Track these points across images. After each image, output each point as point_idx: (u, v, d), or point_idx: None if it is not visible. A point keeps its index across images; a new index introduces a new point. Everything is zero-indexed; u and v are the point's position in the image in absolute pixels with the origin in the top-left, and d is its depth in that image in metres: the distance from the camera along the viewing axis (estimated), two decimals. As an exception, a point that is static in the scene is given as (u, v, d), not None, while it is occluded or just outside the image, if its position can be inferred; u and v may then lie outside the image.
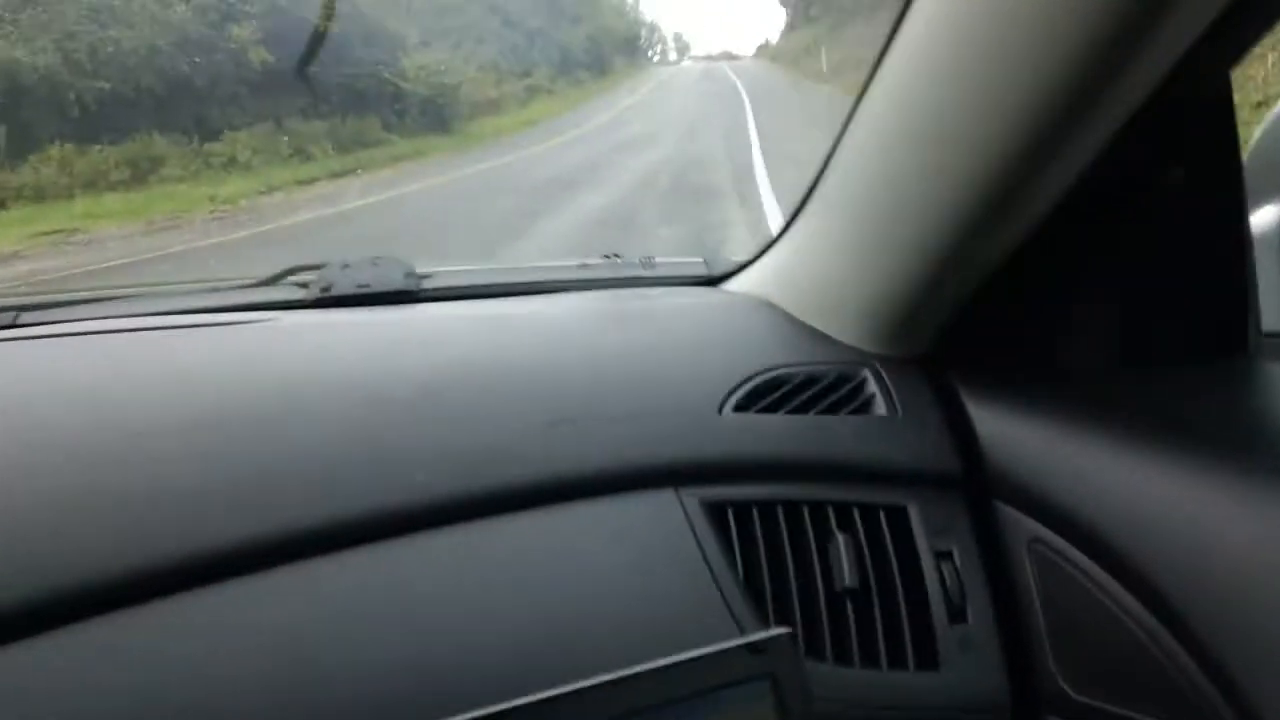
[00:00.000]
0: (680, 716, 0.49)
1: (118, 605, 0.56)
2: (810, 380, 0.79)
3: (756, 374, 0.79)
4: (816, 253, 0.86)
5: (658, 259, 1.09)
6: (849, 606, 0.67)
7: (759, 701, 0.50)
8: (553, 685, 0.50)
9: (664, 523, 0.67)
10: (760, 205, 6.49)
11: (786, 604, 0.67)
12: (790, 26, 42.10)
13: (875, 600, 0.68)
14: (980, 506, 0.73)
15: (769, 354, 0.82)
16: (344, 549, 0.61)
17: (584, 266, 1.08)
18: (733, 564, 0.66)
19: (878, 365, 0.81)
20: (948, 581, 0.69)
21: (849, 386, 0.80)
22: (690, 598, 0.63)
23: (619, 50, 38.13)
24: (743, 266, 1.00)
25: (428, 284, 0.98)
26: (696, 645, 0.57)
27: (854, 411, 0.77)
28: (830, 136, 0.80)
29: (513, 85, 22.08)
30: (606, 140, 12.96)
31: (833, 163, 0.81)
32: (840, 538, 0.69)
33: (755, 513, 0.69)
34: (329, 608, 0.58)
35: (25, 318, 0.89)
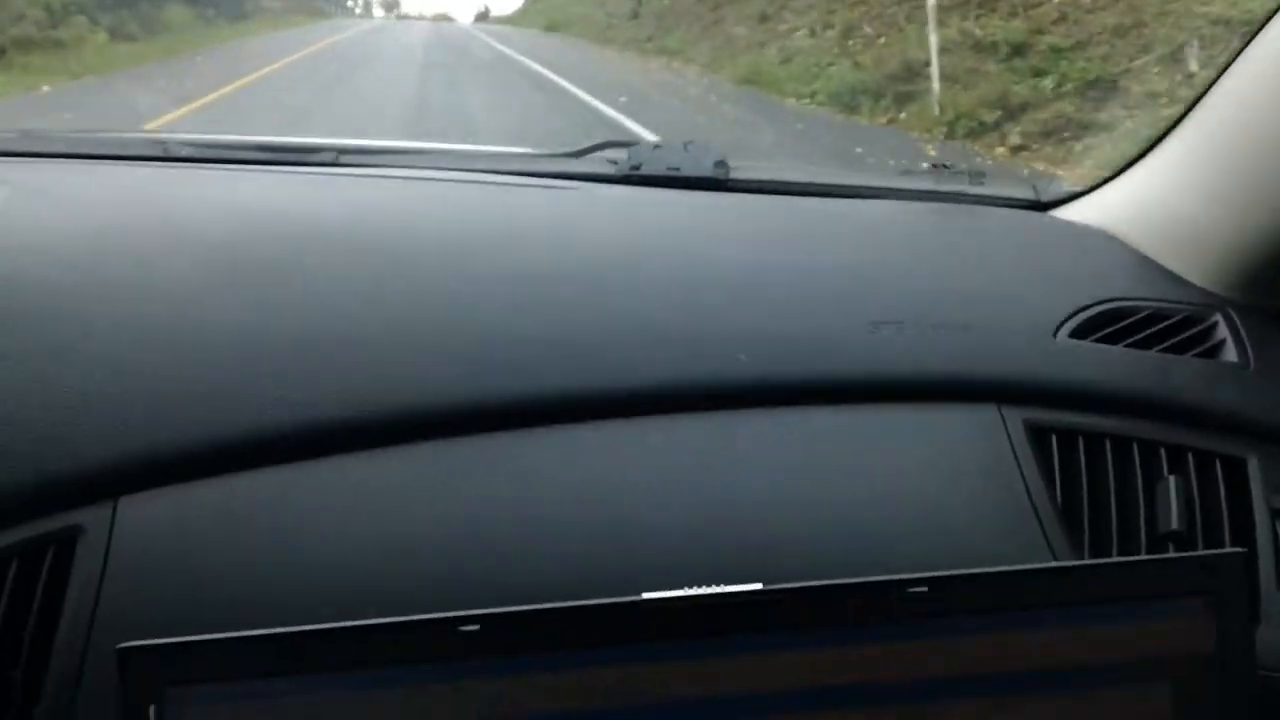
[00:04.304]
0: (1112, 618, 0.47)
1: (449, 434, 0.60)
2: (1156, 316, 0.76)
3: (1097, 303, 0.76)
4: (1178, 186, 0.82)
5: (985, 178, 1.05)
6: (1171, 551, 0.65)
7: (1199, 619, 0.47)
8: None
9: (983, 438, 0.66)
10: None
11: (1104, 540, 0.65)
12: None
13: (1200, 549, 0.65)
14: None
15: (1111, 285, 0.79)
16: (662, 414, 0.64)
17: (905, 175, 1.07)
18: (1051, 491, 0.65)
19: (1231, 311, 0.77)
20: None
21: (1198, 328, 0.76)
22: (1003, 517, 0.63)
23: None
24: (1077, 195, 0.96)
25: (737, 174, 0.97)
26: (1005, 564, 0.57)
27: (1202, 355, 0.74)
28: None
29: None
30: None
31: (1216, 90, 0.76)
32: (1171, 480, 0.67)
33: (1081, 442, 0.68)
34: (644, 467, 0.62)
35: (345, 159, 0.95)
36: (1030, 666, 0.46)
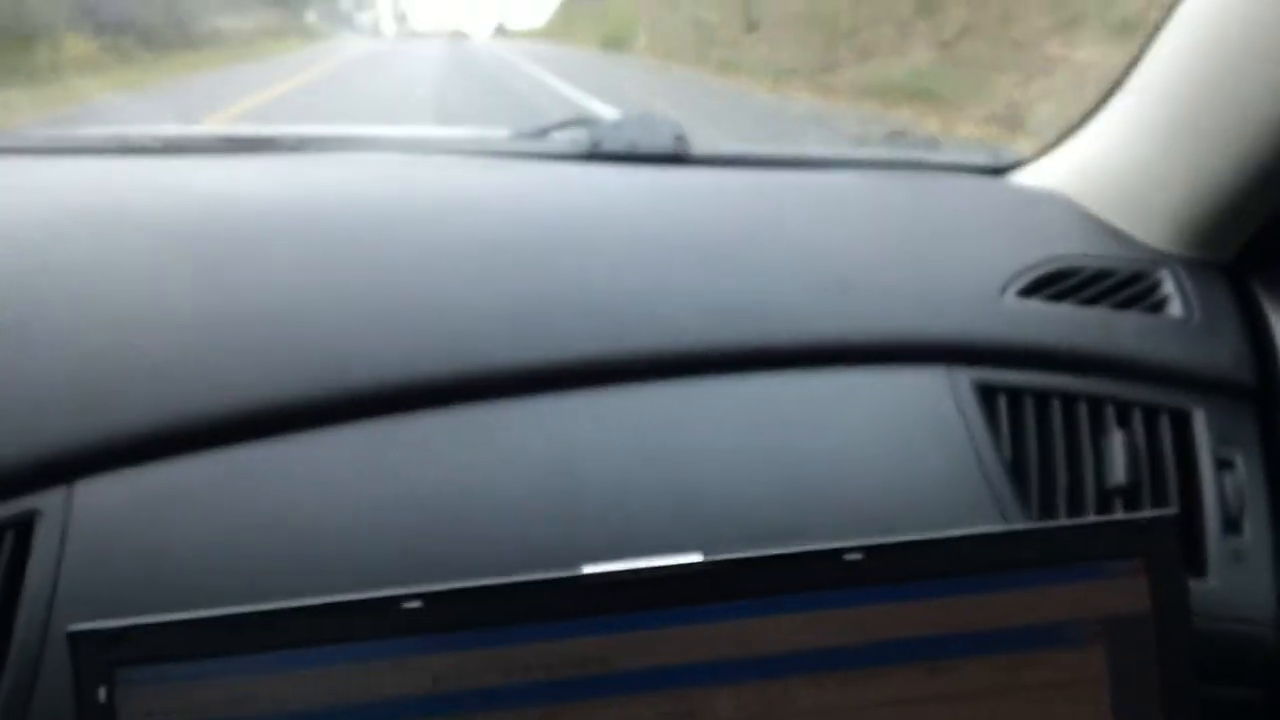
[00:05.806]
0: (1047, 581, 0.47)
1: (403, 410, 0.61)
2: (1103, 274, 0.77)
3: (1045, 262, 0.77)
4: (1122, 146, 0.83)
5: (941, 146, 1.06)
6: (1119, 505, 0.66)
7: (1133, 579, 0.48)
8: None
9: (931, 399, 0.67)
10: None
11: (1052, 496, 0.66)
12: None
13: (1147, 501, 0.66)
14: (1271, 420, 0.70)
15: (1059, 244, 0.80)
16: (614, 384, 0.64)
17: (862, 146, 1.07)
18: (999, 450, 0.65)
19: (1177, 266, 0.78)
20: (1227, 491, 0.67)
21: (1144, 284, 0.77)
22: (952, 477, 0.64)
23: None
24: (1031, 159, 0.97)
25: (696, 149, 0.98)
26: (954, 524, 0.57)
27: (1147, 310, 0.75)
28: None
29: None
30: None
31: (1153, 51, 0.77)
32: (1117, 434, 0.68)
33: (1029, 401, 0.68)
34: (596, 437, 0.62)
35: (307, 145, 0.96)
36: (966, 630, 0.46)
